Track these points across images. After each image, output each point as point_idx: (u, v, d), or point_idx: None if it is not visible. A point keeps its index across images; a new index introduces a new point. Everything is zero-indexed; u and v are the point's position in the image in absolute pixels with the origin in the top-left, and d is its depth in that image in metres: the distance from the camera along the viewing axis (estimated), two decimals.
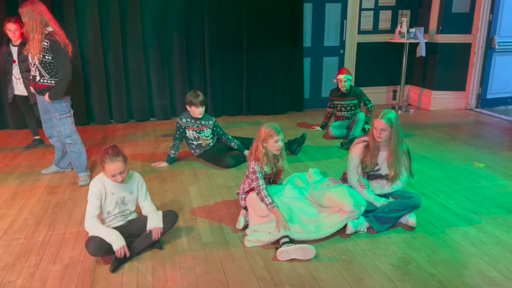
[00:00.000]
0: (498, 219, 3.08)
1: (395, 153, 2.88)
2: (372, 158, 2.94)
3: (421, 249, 2.70)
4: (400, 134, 2.90)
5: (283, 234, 2.66)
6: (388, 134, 2.86)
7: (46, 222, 3.11)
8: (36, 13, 3.42)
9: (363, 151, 2.97)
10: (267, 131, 2.88)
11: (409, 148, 3.01)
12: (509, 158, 4.40)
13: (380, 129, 2.85)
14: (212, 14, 5.84)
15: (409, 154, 2.97)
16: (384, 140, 2.89)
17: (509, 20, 6.20)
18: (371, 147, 2.95)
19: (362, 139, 3.05)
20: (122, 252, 2.50)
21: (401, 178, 2.98)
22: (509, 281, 2.38)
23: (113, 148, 2.58)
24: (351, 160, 3.03)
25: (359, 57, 6.71)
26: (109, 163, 2.52)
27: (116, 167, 2.53)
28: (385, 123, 2.83)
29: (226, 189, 3.68)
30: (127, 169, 2.63)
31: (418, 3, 6.64)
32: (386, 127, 2.84)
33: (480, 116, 6.18)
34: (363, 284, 2.36)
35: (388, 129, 2.85)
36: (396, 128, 2.86)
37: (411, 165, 3.00)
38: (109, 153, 2.53)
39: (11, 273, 2.49)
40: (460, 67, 6.38)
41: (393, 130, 2.85)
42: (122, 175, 2.58)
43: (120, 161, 2.54)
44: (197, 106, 4.12)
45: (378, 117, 2.86)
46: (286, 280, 2.40)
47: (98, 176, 2.68)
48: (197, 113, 4.16)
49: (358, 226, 2.86)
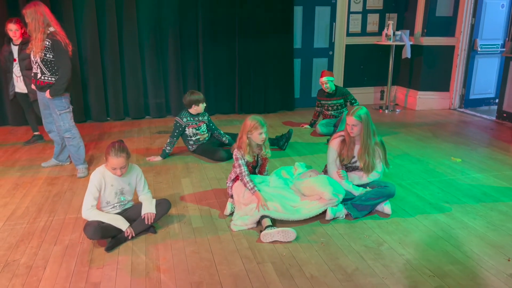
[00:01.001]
0: (468, 208, 3.33)
1: (364, 146, 3.13)
2: (349, 151, 3.19)
3: (393, 233, 2.94)
4: (371, 128, 3.14)
5: (262, 213, 2.90)
6: (359, 129, 3.11)
7: (47, 210, 3.32)
8: (39, 14, 3.64)
9: (340, 145, 3.23)
10: (252, 124, 3.12)
11: (383, 141, 3.25)
12: (485, 153, 4.66)
13: (351, 125, 3.11)
14: (205, 16, 6.08)
15: (383, 145, 3.22)
16: (357, 135, 3.14)
17: (490, 24, 6.47)
18: (347, 141, 3.20)
19: (339, 134, 3.30)
20: (130, 232, 2.78)
21: (377, 170, 3.23)
22: (471, 261, 2.62)
23: (120, 143, 2.78)
24: (330, 153, 3.29)
25: (347, 58, 6.97)
26: (113, 157, 2.72)
27: (118, 162, 2.73)
28: (355, 119, 3.09)
29: (216, 180, 3.91)
30: (128, 165, 2.84)
31: (404, 7, 6.91)
32: (356, 123, 3.09)
33: (463, 116, 6.44)
34: (338, 263, 2.59)
35: (359, 125, 3.10)
36: (366, 123, 3.10)
37: (386, 156, 3.24)
38: (115, 147, 2.72)
39: (15, 253, 2.71)
40: (444, 68, 6.65)
41: (363, 125, 3.10)
42: (122, 170, 2.78)
43: (123, 157, 2.74)
44: (202, 102, 4.46)
45: (349, 114, 3.12)
46: (268, 259, 2.63)
47: (99, 168, 2.88)
48: (201, 110, 4.47)
49: (337, 212, 3.10)
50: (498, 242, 2.82)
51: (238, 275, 2.46)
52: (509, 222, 3.09)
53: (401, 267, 2.55)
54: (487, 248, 2.75)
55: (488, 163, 4.34)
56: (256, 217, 2.93)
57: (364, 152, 3.14)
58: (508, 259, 2.63)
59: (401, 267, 2.54)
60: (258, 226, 2.99)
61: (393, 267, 2.55)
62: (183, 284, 2.39)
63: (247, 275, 2.46)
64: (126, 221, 2.83)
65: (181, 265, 2.57)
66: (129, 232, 2.80)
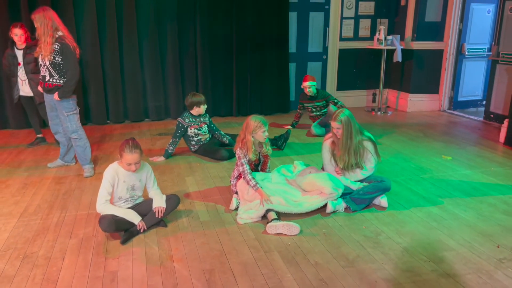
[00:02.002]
0: (458, 201, 3.53)
1: (343, 148, 3.33)
2: (340, 151, 3.39)
3: (390, 224, 3.13)
4: (354, 129, 3.31)
5: (267, 207, 3.08)
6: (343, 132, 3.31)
7: (58, 207, 3.45)
8: (47, 19, 3.79)
9: (332, 145, 3.44)
10: (256, 123, 3.30)
11: (371, 136, 3.45)
12: (473, 152, 4.89)
13: (336, 128, 3.34)
14: (204, 21, 6.26)
15: (371, 140, 3.41)
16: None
17: (477, 29, 6.74)
18: (336, 142, 3.40)
19: (329, 135, 3.49)
20: (142, 225, 2.93)
21: (370, 165, 3.42)
22: (462, 247, 2.81)
23: (133, 140, 2.94)
24: (324, 154, 3.51)
25: (341, 62, 7.20)
26: (128, 153, 2.88)
27: (133, 158, 2.89)
28: (337, 124, 3.31)
29: (219, 178, 4.07)
30: (141, 161, 3.00)
31: (394, 13, 7.16)
32: (339, 126, 3.31)
33: (452, 117, 6.69)
34: (340, 251, 2.77)
35: (341, 127, 3.30)
36: (347, 125, 3.29)
37: (377, 150, 3.43)
38: (129, 144, 2.89)
39: (32, 246, 2.83)
40: (434, 72, 6.91)
41: (343, 128, 3.29)
42: (136, 165, 2.94)
43: (137, 153, 2.90)
44: (203, 104, 4.62)
45: (332, 119, 3.34)
46: (274, 248, 2.79)
47: (111, 164, 3.02)
48: (202, 111, 4.63)
49: (336, 206, 3.28)
50: (487, 231, 3.02)
51: (247, 263, 2.63)
52: (498, 213, 3.30)
53: (399, 254, 2.73)
54: (478, 237, 2.95)
55: (476, 161, 4.56)
56: (261, 211, 3.11)
57: (343, 153, 3.34)
58: (498, 245, 2.83)
59: (399, 254, 2.73)
60: (263, 220, 3.16)
61: (391, 254, 2.73)
62: (196, 271, 2.54)
63: (256, 263, 2.63)
64: (138, 215, 2.98)
65: (192, 255, 2.72)
66: (141, 225, 2.95)
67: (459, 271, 2.54)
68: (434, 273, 2.52)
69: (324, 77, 7.25)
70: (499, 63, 5.89)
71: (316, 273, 2.52)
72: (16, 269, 2.57)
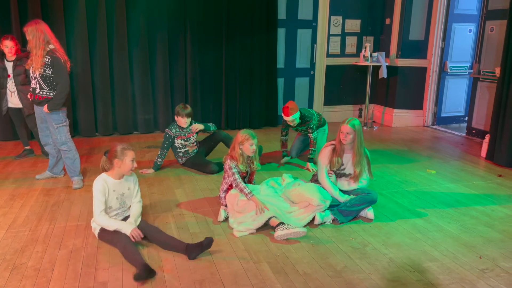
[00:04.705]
0: (443, 213, 3.63)
1: (358, 154, 3.43)
2: (338, 159, 3.46)
3: (377, 235, 3.20)
4: (362, 139, 3.43)
5: (267, 216, 3.13)
6: (352, 138, 3.39)
7: (47, 218, 3.44)
8: (40, 32, 3.83)
9: (331, 153, 3.50)
10: (243, 136, 3.37)
11: (368, 153, 3.55)
12: (457, 166, 5.02)
13: (345, 133, 3.39)
14: (194, 35, 6.36)
15: (368, 158, 3.51)
16: (349, 143, 3.42)
17: (459, 47, 6.97)
18: (338, 149, 3.47)
19: (330, 143, 3.57)
20: (135, 234, 2.87)
21: (364, 177, 3.51)
22: (446, 258, 2.89)
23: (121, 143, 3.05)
24: (321, 160, 3.56)
25: (328, 78, 7.35)
26: (128, 150, 2.99)
27: (132, 153, 3.02)
28: (349, 128, 3.37)
29: (208, 191, 4.11)
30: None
31: (380, 31, 7.37)
32: (350, 131, 3.38)
33: (436, 132, 6.86)
34: (328, 262, 2.82)
35: (352, 133, 3.38)
36: (359, 132, 3.40)
37: (370, 168, 3.53)
38: (122, 145, 3.00)
39: (21, 257, 2.83)
40: (418, 88, 7.09)
41: (356, 134, 3.38)
42: (135, 162, 3.05)
43: (133, 150, 3.05)
44: (183, 116, 4.58)
45: (344, 123, 3.41)
46: (263, 259, 2.83)
47: (99, 176, 3.05)
48: (182, 123, 4.62)
49: (324, 217, 3.34)
50: (470, 243, 3.11)
51: (237, 273, 2.66)
52: (480, 225, 3.40)
53: (385, 264, 2.80)
54: (461, 248, 3.04)
55: (459, 174, 4.69)
56: (261, 220, 3.16)
57: (358, 160, 3.42)
58: (480, 256, 2.92)
59: (385, 265, 2.79)
60: (258, 231, 3.20)
61: (378, 264, 2.79)
62: (187, 282, 2.57)
63: (245, 273, 2.66)
64: (130, 224, 2.96)
65: (182, 266, 2.74)
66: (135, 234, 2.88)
67: (443, 281, 2.61)
68: (419, 283, 2.59)
69: (311, 92, 7.39)
70: (480, 81, 6.09)
71: (305, 283, 2.57)
72: (6, 280, 2.56)
